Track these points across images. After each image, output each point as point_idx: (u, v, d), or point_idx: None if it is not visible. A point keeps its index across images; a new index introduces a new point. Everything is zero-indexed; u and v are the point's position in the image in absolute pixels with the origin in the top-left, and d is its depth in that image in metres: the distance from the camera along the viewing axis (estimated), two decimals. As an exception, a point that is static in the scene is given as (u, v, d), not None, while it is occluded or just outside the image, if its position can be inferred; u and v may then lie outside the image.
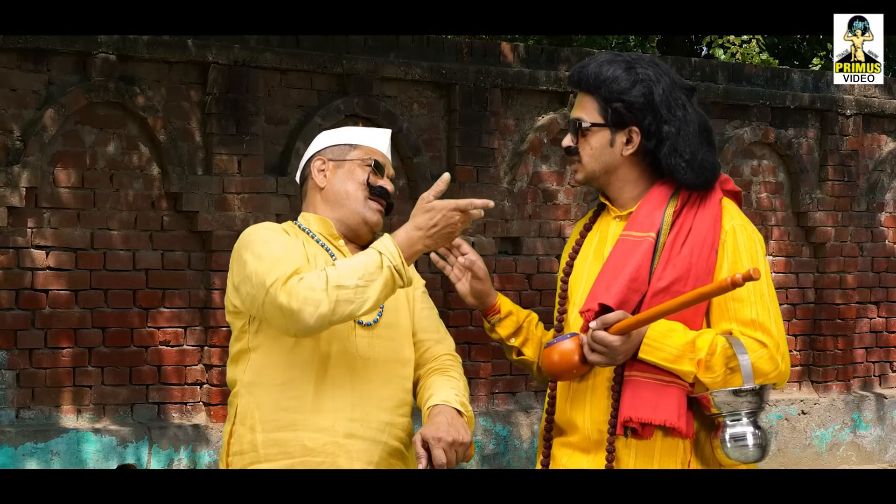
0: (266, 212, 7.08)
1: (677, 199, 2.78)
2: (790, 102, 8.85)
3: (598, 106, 2.80)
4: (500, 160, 7.93)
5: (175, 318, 7.02)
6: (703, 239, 2.72)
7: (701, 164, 2.75)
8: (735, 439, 2.65)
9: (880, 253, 9.35)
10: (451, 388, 2.90)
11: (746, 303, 2.70)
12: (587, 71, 2.82)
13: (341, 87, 7.41)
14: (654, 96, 2.76)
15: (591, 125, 2.81)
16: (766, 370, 2.67)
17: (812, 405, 8.92)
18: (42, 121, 6.58)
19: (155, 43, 6.83)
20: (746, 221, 2.81)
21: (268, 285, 2.73)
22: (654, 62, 2.82)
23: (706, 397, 2.66)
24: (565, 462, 2.82)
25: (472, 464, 7.61)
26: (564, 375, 2.76)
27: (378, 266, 2.74)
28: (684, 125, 2.77)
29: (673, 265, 2.71)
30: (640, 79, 2.77)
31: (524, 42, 11.50)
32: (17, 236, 6.62)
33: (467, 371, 8.11)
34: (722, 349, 2.66)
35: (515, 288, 8.00)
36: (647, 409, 2.67)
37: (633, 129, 2.79)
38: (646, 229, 2.76)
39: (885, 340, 9.41)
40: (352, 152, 3.04)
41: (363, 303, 2.72)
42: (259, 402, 2.87)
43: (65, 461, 6.56)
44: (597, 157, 2.83)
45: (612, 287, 2.72)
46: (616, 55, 2.84)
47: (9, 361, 6.64)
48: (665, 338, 2.67)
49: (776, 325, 2.70)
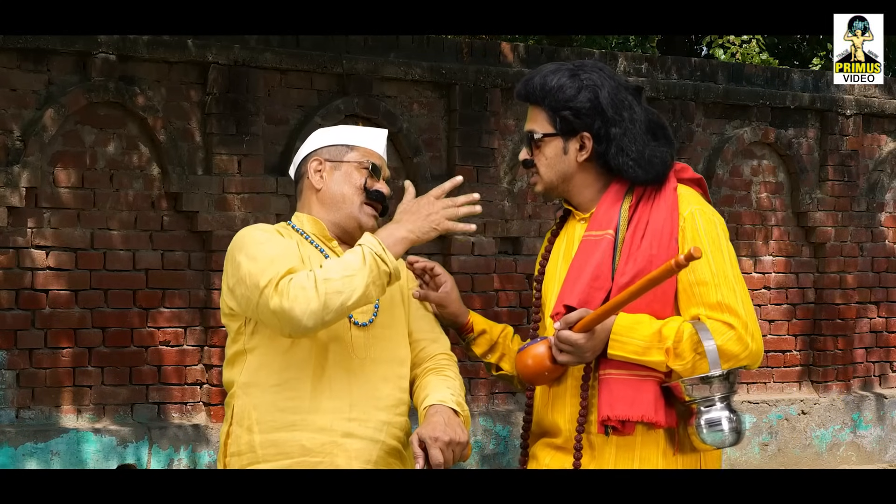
0: (266, 212, 7.08)
1: (632, 194, 2.81)
2: (790, 102, 8.84)
3: (548, 116, 2.84)
4: (500, 160, 7.93)
5: (175, 318, 7.02)
6: (661, 229, 2.75)
7: (649, 160, 2.78)
8: (710, 424, 2.67)
9: (880, 253, 9.35)
10: (447, 388, 2.90)
11: (711, 286, 2.71)
12: (533, 83, 2.85)
13: (341, 87, 7.41)
14: (601, 100, 2.79)
15: (542, 136, 2.85)
16: (734, 351, 2.67)
17: (812, 405, 8.92)
18: (42, 121, 6.58)
19: (155, 43, 6.83)
20: (704, 205, 2.82)
21: (262, 286, 2.74)
22: (598, 67, 2.86)
23: (678, 386, 2.68)
24: (548, 462, 2.84)
25: (472, 464, 7.61)
26: (539, 379, 2.79)
27: (360, 257, 2.76)
28: (630, 124, 2.80)
29: (634, 259, 2.73)
30: (585, 84, 2.80)
31: (524, 42, 11.50)
32: (17, 236, 6.62)
33: (467, 371, 8.13)
34: (689, 335, 2.67)
35: (515, 288, 8.00)
36: (623, 405, 2.69)
37: (584, 134, 2.82)
38: (604, 227, 2.79)
39: (885, 340, 9.41)
40: (349, 154, 3.02)
41: (352, 292, 2.73)
42: (256, 402, 2.87)
43: (65, 461, 6.57)
44: (552, 166, 2.86)
45: (575, 287, 2.75)
46: (560, 64, 2.87)
47: (9, 361, 6.64)
48: (631, 331, 2.68)
49: (743, 306, 2.70)
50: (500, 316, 7.93)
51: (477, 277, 7.82)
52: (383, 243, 2.79)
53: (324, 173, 3.01)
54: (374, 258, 2.76)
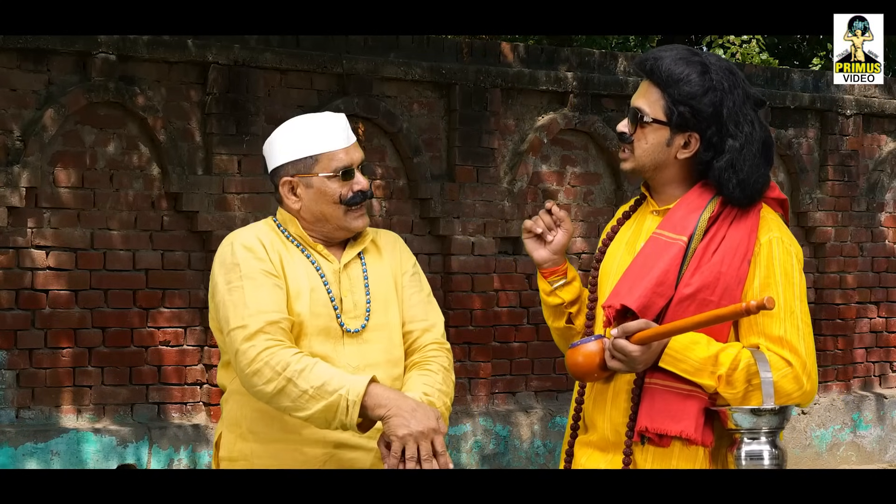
0: (266, 212, 7.07)
1: (715, 203, 2.71)
2: (790, 102, 8.84)
3: (664, 103, 2.71)
4: (500, 160, 7.92)
5: (175, 318, 7.02)
6: (736, 248, 2.66)
7: (753, 185, 2.68)
8: (751, 457, 2.61)
9: (880, 253, 9.35)
10: (422, 385, 2.87)
11: (776, 319, 2.63)
12: (661, 64, 2.71)
13: (341, 87, 7.41)
14: (724, 108, 2.67)
15: (652, 120, 2.73)
16: (788, 390, 2.62)
17: (812, 405, 8.92)
18: (42, 121, 6.58)
19: (155, 43, 6.83)
20: (786, 233, 2.73)
21: (231, 327, 2.78)
22: (731, 70, 2.73)
23: (724, 413, 2.63)
24: (584, 462, 2.81)
25: (473, 464, 7.61)
26: (587, 377, 2.74)
27: (336, 394, 2.69)
28: (748, 144, 2.68)
29: (701, 272, 2.65)
30: (714, 87, 2.67)
31: (524, 42, 11.50)
32: (17, 236, 6.62)
33: (467, 371, 8.12)
34: (745, 365, 2.61)
35: (515, 288, 8.00)
36: (664, 419, 2.65)
37: (693, 134, 2.71)
38: (679, 232, 2.70)
39: (885, 340, 9.41)
40: (315, 166, 2.89)
41: (299, 410, 2.72)
42: (247, 412, 2.89)
43: (65, 461, 6.56)
44: (650, 153, 2.75)
45: (636, 288, 2.68)
46: (693, 53, 2.73)
47: (9, 361, 6.63)
48: (687, 350, 2.62)
49: (805, 344, 2.64)
50: (501, 316, 7.93)
51: (477, 277, 7.82)
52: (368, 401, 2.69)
53: (297, 191, 2.92)
54: (344, 405, 2.69)
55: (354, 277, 2.94)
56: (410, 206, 7.71)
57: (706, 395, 2.65)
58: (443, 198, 7.67)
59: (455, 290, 7.72)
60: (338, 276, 2.93)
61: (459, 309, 7.72)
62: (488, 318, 7.86)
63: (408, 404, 2.69)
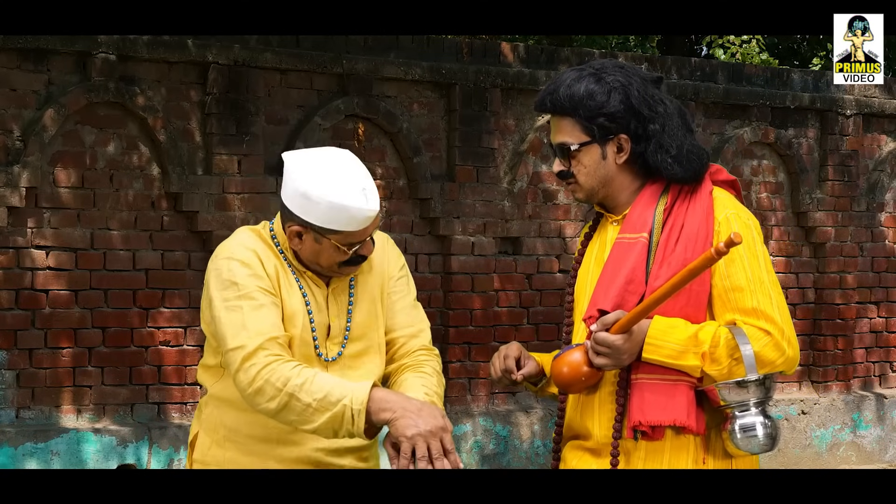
0: (266, 212, 7.07)
1: (667, 195, 2.78)
2: (790, 102, 8.84)
3: (581, 126, 2.78)
4: (500, 160, 7.92)
5: (175, 318, 7.02)
6: (697, 233, 2.72)
7: (687, 156, 2.76)
8: (744, 430, 2.65)
9: (880, 253, 9.35)
10: (422, 386, 2.88)
11: (746, 292, 2.68)
12: (558, 95, 2.79)
13: (341, 87, 7.41)
14: (632, 100, 2.75)
15: (579, 146, 2.80)
16: (771, 358, 2.66)
17: (812, 405, 8.92)
18: (42, 121, 6.58)
19: (155, 43, 6.83)
20: (741, 208, 2.79)
21: (229, 347, 2.75)
22: (619, 65, 2.81)
23: (713, 390, 2.66)
24: (576, 464, 2.83)
25: (473, 464, 7.61)
26: (575, 386, 2.75)
27: (340, 404, 2.67)
28: (668, 120, 2.77)
29: (668, 263, 2.70)
30: (613, 87, 2.76)
31: (524, 42, 11.50)
32: (17, 236, 6.62)
33: (467, 371, 8.12)
34: (725, 340, 2.65)
35: (515, 288, 8.00)
36: (655, 410, 2.68)
37: (621, 136, 2.78)
38: (638, 230, 2.76)
39: (885, 340, 9.41)
40: (333, 235, 2.81)
41: (305, 423, 2.71)
42: (227, 420, 2.90)
43: (65, 461, 6.56)
44: (593, 173, 2.82)
45: (609, 291, 2.72)
46: (579, 70, 2.81)
47: (9, 361, 6.63)
48: (666, 334, 2.66)
49: (779, 311, 2.69)
50: (501, 316, 7.92)
51: (477, 277, 7.82)
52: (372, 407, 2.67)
53: (304, 236, 2.85)
54: (350, 415, 2.67)
55: (342, 303, 2.93)
56: (410, 206, 7.71)
57: (693, 379, 2.69)
58: (443, 198, 7.67)
59: (455, 290, 7.72)
60: (325, 301, 2.91)
61: (459, 309, 7.72)
62: (488, 318, 7.86)
63: (413, 405, 2.69)
